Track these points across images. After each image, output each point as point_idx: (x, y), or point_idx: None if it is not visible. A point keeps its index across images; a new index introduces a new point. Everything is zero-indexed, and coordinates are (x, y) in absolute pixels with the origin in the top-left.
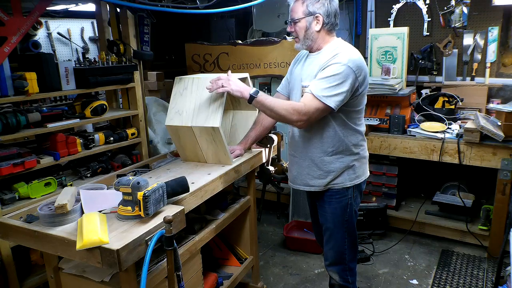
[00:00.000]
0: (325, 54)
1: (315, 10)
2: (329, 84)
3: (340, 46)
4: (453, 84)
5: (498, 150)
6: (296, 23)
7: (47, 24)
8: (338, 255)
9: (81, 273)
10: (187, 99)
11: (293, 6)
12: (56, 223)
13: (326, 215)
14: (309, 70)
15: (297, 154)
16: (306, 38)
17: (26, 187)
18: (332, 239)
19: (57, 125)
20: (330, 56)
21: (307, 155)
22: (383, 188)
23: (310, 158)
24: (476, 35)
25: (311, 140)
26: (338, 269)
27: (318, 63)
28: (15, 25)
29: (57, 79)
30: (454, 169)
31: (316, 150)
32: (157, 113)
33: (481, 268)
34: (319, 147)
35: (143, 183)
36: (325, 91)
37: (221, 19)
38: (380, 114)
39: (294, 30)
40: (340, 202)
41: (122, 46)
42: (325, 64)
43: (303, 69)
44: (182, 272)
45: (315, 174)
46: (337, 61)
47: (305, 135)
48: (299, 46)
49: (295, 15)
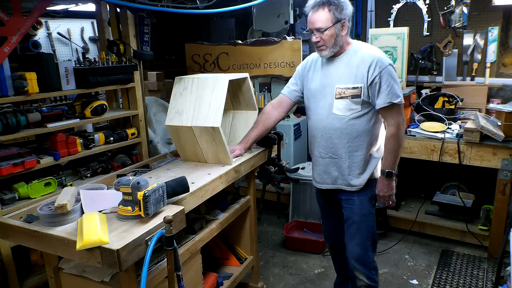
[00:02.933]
0: (353, 54)
1: (342, 16)
2: (396, 85)
3: (364, 46)
4: (453, 84)
5: (498, 150)
6: (323, 32)
7: (47, 24)
8: (363, 251)
9: (81, 273)
10: (187, 99)
11: (316, 16)
12: (56, 223)
13: (353, 208)
14: (341, 73)
15: (337, 155)
16: (335, 44)
17: (26, 187)
18: (358, 233)
19: (57, 125)
20: (365, 57)
21: (352, 154)
22: None
23: (354, 157)
24: (476, 35)
25: (356, 140)
26: (365, 269)
27: (351, 64)
28: (15, 25)
29: (57, 79)
30: (454, 169)
31: (360, 148)
32: (157, 113)
33: (481, 268)
34: (363, 146)
35: (143, 183)
36: (398, 92)
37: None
38: None
39: (320, 39)
40: (367, 194)
41: (122, 46)
42: (365, 66)
43: (329, 73)
44: (182, 272)
45: (355, 172)
46: (382, 65)
47: (349, 135)
48: (326, 53)
49: (321, 24)
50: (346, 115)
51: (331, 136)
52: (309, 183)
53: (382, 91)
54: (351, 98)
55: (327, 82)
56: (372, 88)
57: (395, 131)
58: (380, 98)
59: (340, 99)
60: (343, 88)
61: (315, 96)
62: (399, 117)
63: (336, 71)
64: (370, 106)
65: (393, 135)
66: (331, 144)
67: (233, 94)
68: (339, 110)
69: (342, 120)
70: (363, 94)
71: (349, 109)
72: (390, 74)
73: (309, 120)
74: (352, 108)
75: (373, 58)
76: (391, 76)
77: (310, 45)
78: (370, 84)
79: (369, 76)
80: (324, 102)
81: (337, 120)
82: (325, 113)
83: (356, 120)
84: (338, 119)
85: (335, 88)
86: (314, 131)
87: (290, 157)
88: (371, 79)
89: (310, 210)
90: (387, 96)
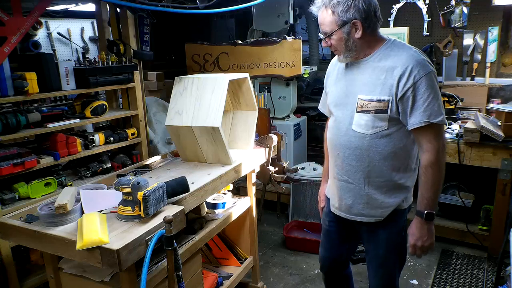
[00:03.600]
0: (384, 56)
1: (349, 17)
2: (436, 99)
3: (400, 45)
4: (453, 84)
5: (498, 150)
6: (330, 36)
7: (47, 24)
8: (388, 282)
9: (81, 273)
10: (187, 99)
11: (321, 18)
12: (56, 223)
13: (378, 242)
14: (365, 80)
15: (354, 179)
16: (349, 49)
17: (26, 187)
18: (382, 268)
19: (57, 125)
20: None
21: (372, 180)
22: None
23: (375, 183)
24: (476, 35)
25: (379, 165)
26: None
27: (378, 69)
28: (15, 25)
29: (57, 79)
30: (454, 169)
31: (385, 174)
32: (157, 113)
33: (481, 268)
34: (388, 172)
35: (143, 183)
36: (439, 109)
37: (221, 19)
38: None
39: (330, 45)
40: (397, 226)
41: (122, 46)
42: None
43: (353, 78)
44: (182, 272)
45: (376, 202)
46: (419, 73)
47: (371, 158)
48: (342, 58)
49: (326, 28)
50: (368, 133)
51: (349, 156)
52: (309, 183)
53: (417, 107)
54: (375, 114)
55: (350, 91)
56: (403, 102)
57: (433, 158)
58: (414, 116)
59: (362, 113)
60: (366, 100)
61: (336, 106)
62: (439, 141)
63: (361, 78)
64: (400, 124)
65: (432, 163)
66: (348, 166)
67: (233, 94)
68: (359, 126)
69: (363, 139)
70: (391, 110)
71: (372, 127)
72: (430, 85)
73: (328, 133)
74: (376, 126)
75: (409, 63)
76: (431, 87)
77: (310, 45)
78: (401, 97)
79: (400, 88)
80: (344, 115)
81: (356, 138)
82: (343, 128)
83: (380, 140)
84: (357, 137)
85: (357, 99)
86: (331, 147)
87: (290, 157)
88: (402, 91)
89: (310, 210)
90: (423, 114)
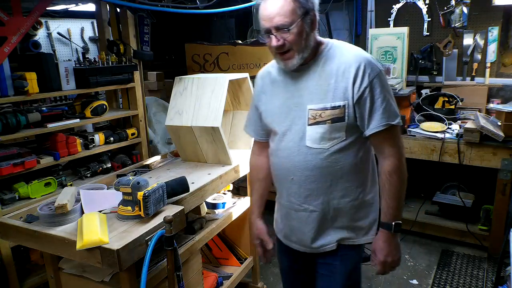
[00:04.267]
0: (329, 58)
1: (310, 5)
2: (392, 98)
3: (342, 45)
4: (453, 84)
5: (498, 150)
6: (289, 30)
7: (47, 24)
8: None
9: (81, 273)
10: (187, 99)
11: (275, 7)
12: (56, 223)
13: (335, 277)
14: (313, 87)
15: (317, 205)
16: (306, 47)
17: (26, 187)
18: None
19: (57, 125)
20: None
21: (337, 202)
22: None
23: (340, 205)
24: (476, 35)
25: (342, 182)
26: None
27: (326, 73)
28: (15, 25)
29: (57, 79)
30: (454, 169)
31: (349, 193)
32: (157, 113)
33: (481, 268)
34: (352, 189)
35: (143, 183)
36: (396, 109)
37: (221, 19)
38: None
39: (285, 42)
40: (354, 257)
41: (122, 46)
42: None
43: (296, 89)
44: (182, 272)
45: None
46: (373, 70)
47: (332, 176)
48: (295, 62)
49: (285, 19)
50: (326, 147)
51: (307, 179)
52: None
53: (375, 109)
54: (331, 123)
55: (294, 103)
56: (360, 105)
57: (397, 163)
58: (373, 119)
59: (315, 126)
60: (319, 109)
61: (280, 123)
62: (401, 144)
63: (306, 86)
64: (358, 131)
65: (396, 169)
66: (307, 191)
67: (233, 94)
68: (314, 141)
69: (321, 155)
70: (348, 116)
71: (329, 139)
72: (384, 84)
73: (272, 157)
74: (333, 137)
75: (359, 61)
76: (385, 86)
77: None
78: (358, 100)
79: (355, 89)
80: (293, 131)
81: (313, 155)
82: (294, 146)
83: (340, 154)
84: (314, 154)
85: (307, 110)
86: (280, 173)
87: None
88: (359, 92)
89: None
90: (383, 115)
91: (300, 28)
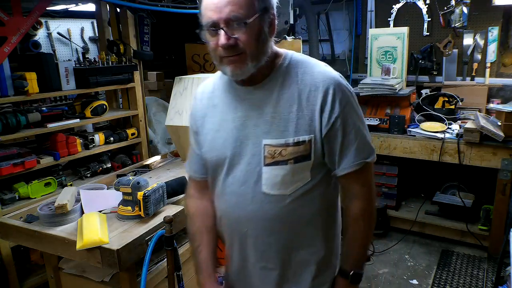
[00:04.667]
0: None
1: (270, 3)
2: (365, 128)
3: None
4: (453, 84)
5: (498, 150)
6: (245, 24)
7: (47, 24)
8: None
9: (81, 273)
10: (187, 99)
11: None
12: (56, 223)
13: None
14: (269, 114)
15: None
16: (262, 54)
17: (26, 187)
18: None
19: (57, 125)
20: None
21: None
22: (383, 188)
23: (303, 257)
24: (476, 35)
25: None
26: None
27: (287, 95)
28: (15, 25)
29: (57, 79)
30: (454, 169)
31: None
32: (157, 113)
33: (481, 268)
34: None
35: (143, 183)
36: (370, 141)
37: None
38: (380, 114)
39: (237, 43)
40: None
41: (122, 46)
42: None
43: (247, 115)
44: (182, 272)
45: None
46: (344, 94)
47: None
48: (246, 70)
49: (239, 10)
50: (287, 193)
51: (263, 232)
52: None
53: (348, 143)
54: (294, 163)
55: (246, 135)
56: (330, 140)
57: (367, 206)
58: (346, 156)
59: (274, 166)
60: (278, 145)
61: (224, 162)
62: (371, 183)
63: (261, 113)
64: (324, 168)
65: (364, 213)
66: (264, 246)
67: None
68: (274, 186)
69: (281, 203)
70: (315, 153)
71: (292, 182)
72: (357, 111)
73: (218, 203)
74: (297, 180)
75: (328, 83)
76: (357, 114)
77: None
78: (328, 133)
79: (324, 119)
80: (244, 173)
81: (272, 204)
82: (248, 191)
83: (304, 199)
84: (273, 201)
85: (263, 146)
86: (230, 224)
87: None
88: (328, 124)
89: None
90: (358, 151)
91: (258, 26)
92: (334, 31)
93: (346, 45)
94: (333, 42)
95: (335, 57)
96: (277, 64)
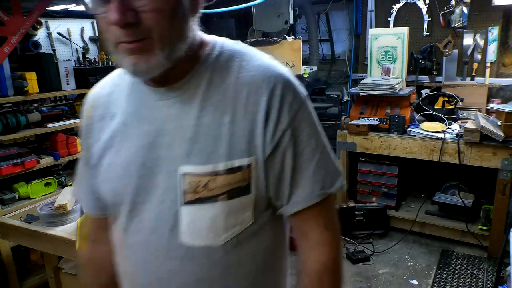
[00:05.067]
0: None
1: None
2: (327, 144)
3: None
4: (453, 84)
5: (498, 150)
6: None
7: (47, 24)
8: None
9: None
10: None
11: None
12: (56, 223)
13: None
14: (190, 128)
15: None
16: (178, 39)
17: (26, 187)
18: None
19: (57, 125)
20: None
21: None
22: (383, 188)
23: None
24: (476, 35)
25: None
26: None
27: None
28: (15, 25)
29: (57, 79)
30: (454, 169)
31: None
32: None
33: (481, 268)
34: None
35: None
36: (334, 164)
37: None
38: (380, 114)
39: (140, 19)
40: None
41: None
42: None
43: (160, 130)
44: None
45: None
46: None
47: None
48: (154, 63)
49: None
50: (219, 244)
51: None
52: None
53: (303, 166)
54: (228, 199)
55: (155, 158)
56: (275, 162)
57: (331, 255)
58: (300, 186)
59: (198, 205)
60: (203, 173)
61: (123, 198)
62: (335, 223)
63: (178, 126)
64: (270, 206)
65: (329, 266)
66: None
67: None
68: (198, 234)
69: (210, 258)
70: (257, 183)
71: (225, 228)
72: (312, 120)
73: (118, 257)
74: (232, 224)
75: (273, 81)
76: (313, 124)
77: (310, 45)
78: (273, 153)
79: (268, 134)
80: (154, 216)
81: (196, 260)
82: (160, 244)
83: (243, 253)
84: (198, 256)
85: (180, 175)
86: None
87: None
88: (274, 140)
89: None
90: (316, 177)
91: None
92: (334, 31)
93: (346, 45)
94: (333, 42)
95: (335, 57)
96: (202, 56)
